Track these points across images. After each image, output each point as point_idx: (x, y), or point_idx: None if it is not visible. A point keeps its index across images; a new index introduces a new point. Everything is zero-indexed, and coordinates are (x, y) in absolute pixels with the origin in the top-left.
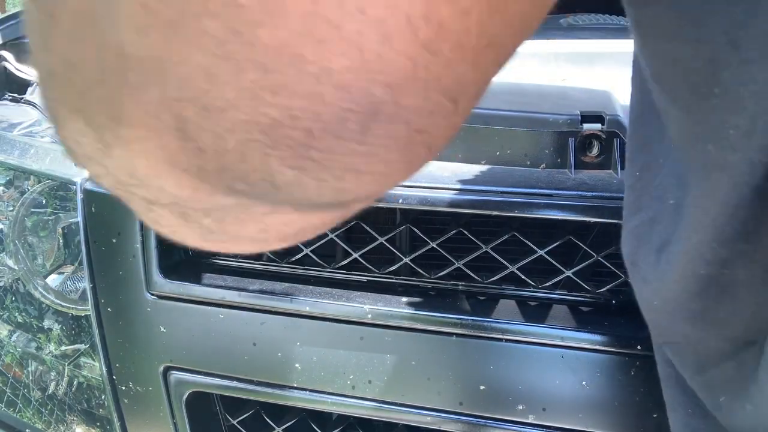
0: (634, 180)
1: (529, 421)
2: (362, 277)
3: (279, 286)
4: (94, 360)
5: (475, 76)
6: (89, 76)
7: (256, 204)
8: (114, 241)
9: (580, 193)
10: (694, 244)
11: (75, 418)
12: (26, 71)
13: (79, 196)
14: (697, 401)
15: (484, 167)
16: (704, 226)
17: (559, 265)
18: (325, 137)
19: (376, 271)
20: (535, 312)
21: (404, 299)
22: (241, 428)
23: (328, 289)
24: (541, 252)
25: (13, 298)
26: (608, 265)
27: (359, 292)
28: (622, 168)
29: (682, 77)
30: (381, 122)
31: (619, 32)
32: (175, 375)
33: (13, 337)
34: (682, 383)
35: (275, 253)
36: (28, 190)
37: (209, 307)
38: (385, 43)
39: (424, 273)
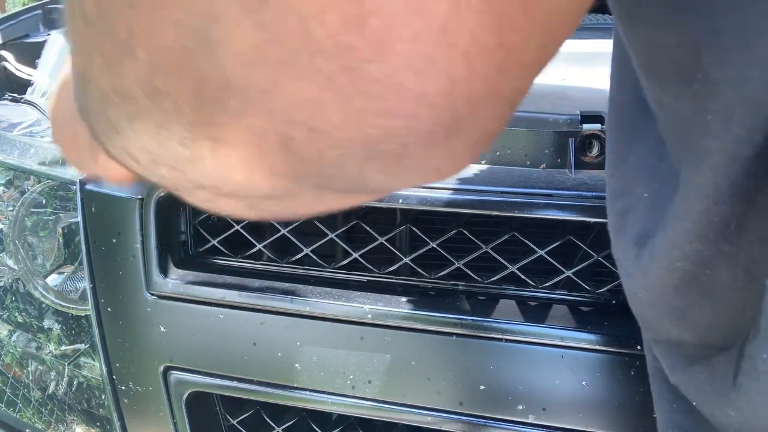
0: (608, 176)
1: (529, 421)
2: (362, 277)
3: (279, 286)
4: (94, 360)
5: (527, 84)
6: (180, 101)
7: (334, 193)
8: (114, 241)
9: (580, 193)
10: (674, 235)
11: (75, 418)
12: (26, 71)
13: (79, 196)
14: (683, 396)
15: (484, 167)
16: (684, 217)
17: (559, 265)
18: (416, 148)
19: (376, 271)
20: (535, 312)
21: (404, 299)
22: (241, 428)
23: (328, 289)
24: (541, 252)
25: (13, 298)
26: (608, 265)
27: (359, 292)
28: None
29: (670, 64)
30: (461, 131)
31: None
32: (175, 375)
33: (13, 337)
34: (667, 379)
35: (275, 253)
36: (28, 190)
37: (209, 307)
38: (468, 68)
39: (424, 273)
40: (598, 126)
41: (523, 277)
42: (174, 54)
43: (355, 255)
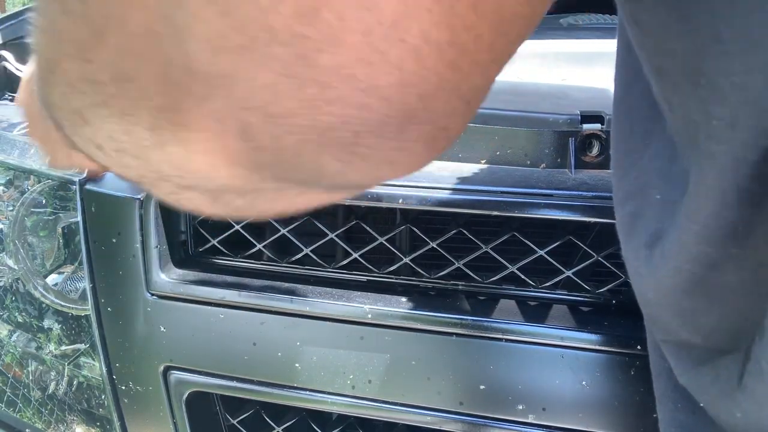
0: (616, 177)
1: (529, 420)
2: (362, 277)
3: (279, 286)
4: (94, 360)
5: (484, 83)
6: (146, 86)
7: (294, 187)
8: (114, 241)
9: (580, 193)
10: (683, 237)
11: (75, 418)
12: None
13: (79, 196)
14: (688, 396)
15: (484, 167)
16: (693, 219)
17: (559, 265)
18: (369, 137)
19: (376, 271)
20: (535, 312)
21: (404, 299)
22: (241, 428)
23: (328, 289)
24: (541, 252)
25: (13, 298)
26: (608, 265)
27: (359, 292)
28: None
29: (678, 68)
30: (413, 124)
31: None
32: (175, 375)
33: (13, 337)
34: (673, 378)
35: (275, 253)
36: (28, 189)
37: (209, 307)
38: (419, 63)
39: (424, 273)
40: (598, 126)
41: (523, 277)
42: (143, 39)
43: (355, 255)
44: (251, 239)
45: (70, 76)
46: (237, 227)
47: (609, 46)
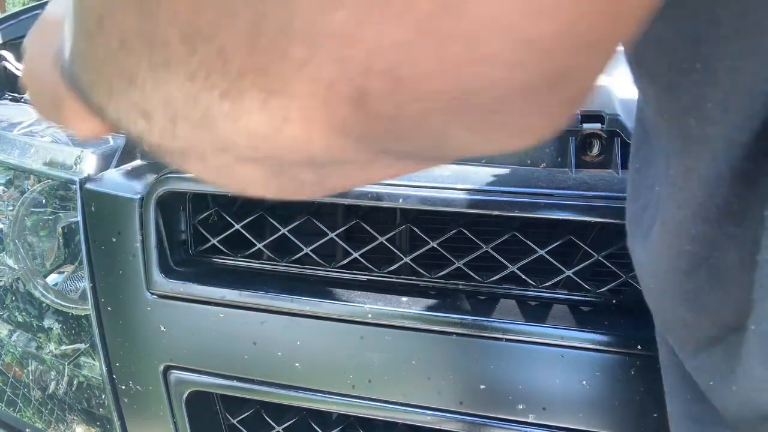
0: (633, 173)
1: (530, 420)
2: (362, 277)
3: (279, 285)
4: (94, 359)
5: (632, 30)
6: (228, 47)
7: (389, 158)
8: (114, 240)
9: (580, 192)
10: (678, 219)
11: (75, 418)
12: None
13: (79, 195)
14: (696, 387)
15: (484, 167)
16: (686, 200)
17: (559, 265)
18: (514, 102)
19: (377, 270)
20: (536, 311)
21: (404, 299)
22: (241, 427)
23: (328, 288)
24: (542, 252)
25: (13, 298)
26: (608, 264)
27: (359, 292)
28: (623, 167)
29: (665, 57)
30: (566, 83)
31: None
32: (175, 374)
33: (13, 337)
34: (682, 370)
35: (275, 252)
36: (28, 189)
37: (209, 307)
38: (591, 4)
39: (424, 272)
40: (598, 125)
41: (523, 276)
42: None
43: (356, 255)
44: (251, 239)
45: (123, 32)
46: (237, 226)
47: None
